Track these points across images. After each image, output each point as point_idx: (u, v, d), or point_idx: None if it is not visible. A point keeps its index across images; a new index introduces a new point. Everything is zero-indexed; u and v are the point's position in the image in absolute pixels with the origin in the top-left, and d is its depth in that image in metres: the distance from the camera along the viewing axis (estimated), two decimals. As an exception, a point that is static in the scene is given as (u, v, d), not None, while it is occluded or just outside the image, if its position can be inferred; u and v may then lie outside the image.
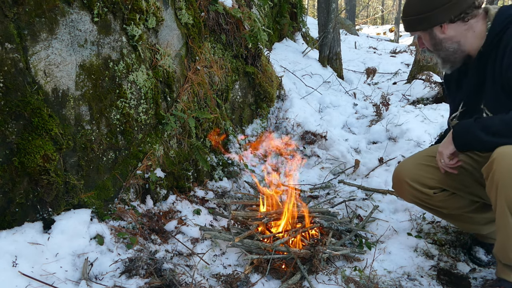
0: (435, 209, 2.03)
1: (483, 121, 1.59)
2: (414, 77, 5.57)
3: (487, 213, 1.94)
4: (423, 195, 1.96)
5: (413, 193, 1.99)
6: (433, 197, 1.95)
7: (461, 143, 1.67)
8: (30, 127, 1.64)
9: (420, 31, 1.79)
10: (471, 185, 1.89)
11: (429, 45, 1.80)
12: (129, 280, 1.67)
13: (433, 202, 1.97)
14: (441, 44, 1.75)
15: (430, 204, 1.99)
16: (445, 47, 1.75)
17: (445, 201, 1.95)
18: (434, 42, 1.77)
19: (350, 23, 12.62)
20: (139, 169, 2.17)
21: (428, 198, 1.96)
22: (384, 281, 1.90)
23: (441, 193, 1.95)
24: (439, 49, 1.78)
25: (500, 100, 1.62)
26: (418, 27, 1.77)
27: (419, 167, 1.96)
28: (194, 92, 2.60)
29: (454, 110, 1.91)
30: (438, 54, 1.81)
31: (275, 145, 3.05)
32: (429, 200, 1.97)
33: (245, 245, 1.95)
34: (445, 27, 1.71)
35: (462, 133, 1.66)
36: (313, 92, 4.65)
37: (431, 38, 1.76)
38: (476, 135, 1.58)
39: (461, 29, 1.71)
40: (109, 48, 1.94)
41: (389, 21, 26.85)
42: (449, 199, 1.94)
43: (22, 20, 1.56)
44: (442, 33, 1.73)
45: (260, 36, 3.14)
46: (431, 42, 1.78)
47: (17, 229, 1.64)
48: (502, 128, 1.52)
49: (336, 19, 5.75)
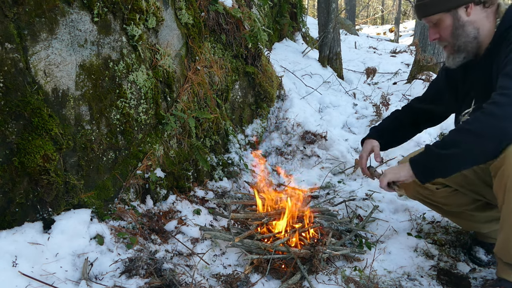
0: (437, 205, 2.04)
1: (438, 141, 1.55)
2: (414, 77, 5.57)
3: (489, 211, 1.94)
4: (426, 190, 1.97)
5: (416, 189, 2.00)
6: (436, 192, 1.96)
7: (426, 172, 1.58)
8: (30, 127, 1.64)
9: (442, 13, 1.66)
10: (474, 183, 1.89)
11: (448, 32, 1.68)
12: (129, 280, 1.67)
13: (435, 198, 1.99)
14: (463, 28, 1.65)
15: (432, 200, 2.00)
16: (466, 33, 1.65)
17: (448, 197, 1.96)
18: (456, 26, 1.65)
19: (350, 23, 12.61)
20: (139, 169, 2.17)
21: (431, 193, 1.98)
22: (384, 281, 1.90)
23: (444, 189, 1.96)
24: (458, 35, 1.67)
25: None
26: (441, 7, 1.64)
27: None
28: (194, 92, 2.60)
29: (466, 107, 1.83)
30: (455, 42, 1.69)
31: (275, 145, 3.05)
32: (432, 196, 1.98)
33: (245, 245, 1.95)
34: (471, 8, 1.61)
35: (423, 162, 1.58)
36: (313, 92, 4.65)
37: (454, 21, 1.65)
38: (436, 155, 1.51)
39: (481, 15, 1.63)
40: (109, 48, 1.94)
41: (389, 21, 26.85)
42: (452, 195, 1.95)
43: (22, 20, 1.56)
44: (467, 15, 1.63)
45: (260, 36, 3.14)
46: (452, 26, 1.66)
47: (17, 229, 1.64)
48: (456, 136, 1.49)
49: (336, 19, 5.75)
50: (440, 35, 1.72)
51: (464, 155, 1.47)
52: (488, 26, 1.65)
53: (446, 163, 1.51)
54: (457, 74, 1.87)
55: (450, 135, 1.52)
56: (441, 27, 1.70)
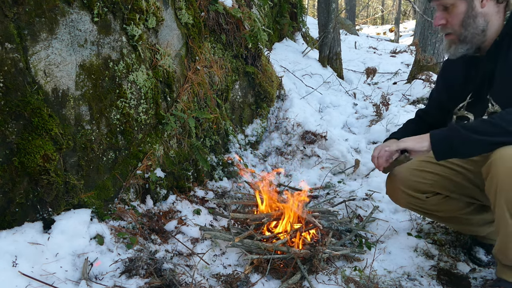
0: (430, 213, 2.02)
1: (468, 124, 1.55)
2: (414, 77, 5.58)
3: (484, 214, 1.93)
4: (417, 200, 1.95)
5: (407, 199, 1.98)
6: (426, 201, 1.94)
7: (444, 149, 1.57)
8: (30, 127, 1.64)
9: None
10: (465, 187, 1.87)
11: (458, 19, 1.64)
12: (129, 280, 1.67)
13: (427, 206, 1.96)
14: (475, 19, 1.62)
15: (425, 208, 1.98)
16: (477, 24, 1.62)
17: (439, 204, 1.94)
18: (468, 15, 1.62)
19: (350, 23, 12.61)
20: (139, 169, 2.17)
21: (422, 202, 1.95)
22: (384, 281, 1.90)
23: (434, 197, 1.93)
24: (468, 25, 1.63)
25: (507, 91, 1.59)
26: None
27: (412, 173, 1.92)
28: (194, 92, 2.60)
29: (460, 101, 1.81)
30: (462, 32, 1.66)
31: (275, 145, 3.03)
32: (423, 205, 1.96)
33: (245, 245, 1.95)
34: (487, 0, 1.59)
35: (446, 138, 1.56)
36: (313, 92, 4.65)
37: (468, 9, 1.61)
38: (467, 137, 1.50)
39: (494, 10, 1.62)
40: (109, 48, 1.94)
41: (389, 21, 26.85)
42: (443, 202, 1.93)
43: (22, 20, 1.56)
44: (482, 7, 1.61)
45: (260, 36, 3.14)
46: (464, 15, 1.62)
47: (17, 229, 1.64)
48: (488, 127, 1.49)
49: (336, 19, 5.74)
50: (447, 21, 1.68)
51: (490, 146, 1.50)
52: (497, 21, 1.64)
53: (469, 146, 1.52)
54: (456, 71, 1.85)
55: (483, 123, 1.51)
56: (452, 13, 1.65)
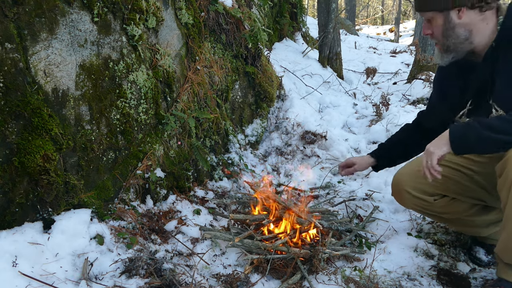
0: (436, 215, 2.02)
1: (485, 121, 1.55)
2: (414, 77, 5.57)
3: (488, 215, 1.94)
4: (424, 202, 1.96)
5: (413, 201, 1.98)
6: (434, 203, 1.95)
7: (462, 145, 1.58)
8: (30, 127, 1.64)
9: (435, 11, 1.69)
10: (472, 189, 1.88)
11: (439, 30, 1.71)
12: (129, 280, 1.67)
13: (434, 208, 1.97)
14: (454, 30, 1.66)
15: (431, 210, 1.99)
16: (457, 34, 1.66)
17: (446, 206, 1.94)
18: (447, 27, 1.67)
19: (350, 23, 12.61)
20: (139, 169, 2.17)
21: (429, 204, 1.96)
22: (384, 281, 1.90)
23: (442, 199, 1.94)
24: (448, 36, 1.68)
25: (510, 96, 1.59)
26: (435, 5, 1.67)
27: (418, 174, 1.90)
28: (194, 92, 2.60)
29: (460, 108, 1.82)
30: (444, 42, 1.71)
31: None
32: (430, 207, 1.97)
33: (245, 245, 1.95)
34: (463, 12, 1.63)
35: (464, 134, 1.57)
36: (313, 92, 4.65)
37: (445, 22, 1.67)
38: (482, 135, 1.51)
39: (476, 19, 1.64)
40: (109, 48, 1.94)
41: (389, 21, 26.84)
42: (450, 204, 1.93)
43: (22, 20, 1.56)
44: (458, 18, 1.64)
45: (260, 36, 3.13)
46: (443, 27, 1.68)
47: (17, 229, 1.64)
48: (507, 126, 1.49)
49: (336, 19, 5.74)
50: (432, 32, 1.75)
51: (505, 146, 1.52)
52: (486, 28, 1.65)
53: (484, 144, 1.54)
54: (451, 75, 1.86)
55: (501, 121, 1.51)
56: (433, 25, 1.73)
